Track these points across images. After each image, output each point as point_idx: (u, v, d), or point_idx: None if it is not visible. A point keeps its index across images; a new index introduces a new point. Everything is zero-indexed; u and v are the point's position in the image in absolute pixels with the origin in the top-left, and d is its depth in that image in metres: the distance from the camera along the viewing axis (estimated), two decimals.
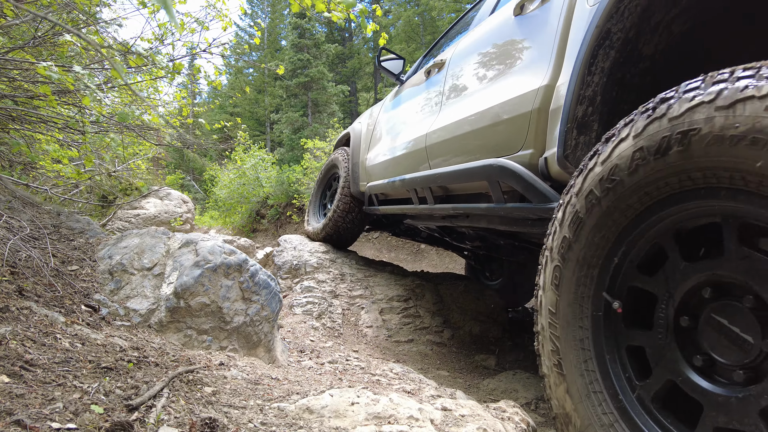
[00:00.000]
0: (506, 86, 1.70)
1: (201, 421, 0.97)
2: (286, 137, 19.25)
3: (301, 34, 19.43)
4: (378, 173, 2.93)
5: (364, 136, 3.38)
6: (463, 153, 1.94)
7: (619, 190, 0.95)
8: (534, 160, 1.53)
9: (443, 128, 2.10)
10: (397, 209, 2.75)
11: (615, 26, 1.21)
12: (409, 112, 2.67)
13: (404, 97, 2.86)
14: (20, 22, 2.05)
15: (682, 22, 1.21)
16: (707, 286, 0.86)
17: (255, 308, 1.79)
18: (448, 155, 2.07)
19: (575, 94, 1.28)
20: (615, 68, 1.26)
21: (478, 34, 2.09)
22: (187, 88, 3.87)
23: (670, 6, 1.17)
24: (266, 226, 10.30)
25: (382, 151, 2.93)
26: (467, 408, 1.30)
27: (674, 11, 1.18)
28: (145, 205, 5.95)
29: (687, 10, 1.17)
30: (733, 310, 0.83)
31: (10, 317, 1.17)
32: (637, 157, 0.91)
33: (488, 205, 1.81)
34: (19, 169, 2.74)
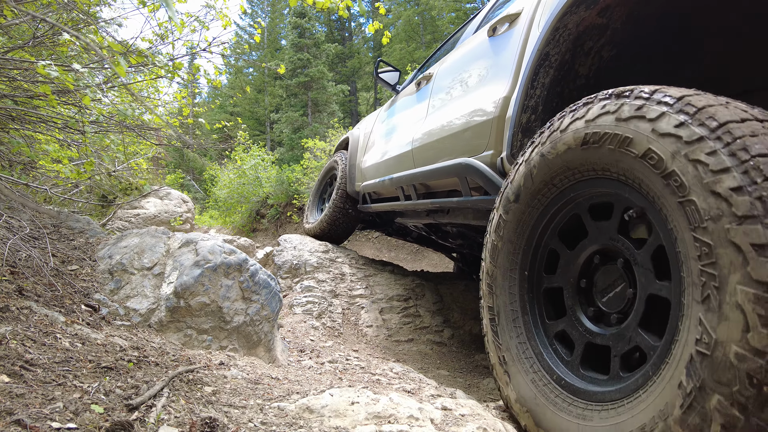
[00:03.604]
0: (477, 96, 1.97)
1: (201, 420, 0.97)
2: (286, 137, 19.25)
3: (301, 33, 19.42)
4: (371, 174, 3.21)
5: (362, 141, 3.67)
6: (441, 155, 2.20)
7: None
8: (493, 159, 1.79)
9: (427, 133, 2.37)
10: (387, 206, 3.02)
11: (553, 50, 1.48)
12: (401, 118, 2.96)
13: (398, 105, 3.16)
14: (20, 22, 2.05)
15: (610, 49, 1.49)
16: (596, 254, 1.20)
17: (255, 308, 1.79)
18: (429, 157, 2.32)
19: (521, 104, 1.56)
20: (554, 84, 1.54)
21: (460, 51, 2.37)
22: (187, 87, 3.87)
23: (599, 36, 1.45)
24: (266, 226, 10.30)
25: (376, 153, 3.21)
26: (467, 407, 1.30)
27: (602, 40, 1.46)
28: (145, 204, 5.95)
29: (611, 40, 1.46)
30: (612, 271, 1.15)
31: (10, 317, 1.17)
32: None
33: (459, 199, 2.08)
34: (19, 169, 2.74)
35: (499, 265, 1.40)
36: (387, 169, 2.90)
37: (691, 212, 0.83)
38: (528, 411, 1.19)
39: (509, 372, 1.30)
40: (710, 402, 0.77)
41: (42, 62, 1.34)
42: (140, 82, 2.97)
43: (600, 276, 1.19)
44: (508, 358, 1.32)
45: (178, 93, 3.60)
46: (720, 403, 0.75)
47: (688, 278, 0.85)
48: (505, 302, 1.38)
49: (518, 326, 1.34)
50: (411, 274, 3.54)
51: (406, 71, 13.76)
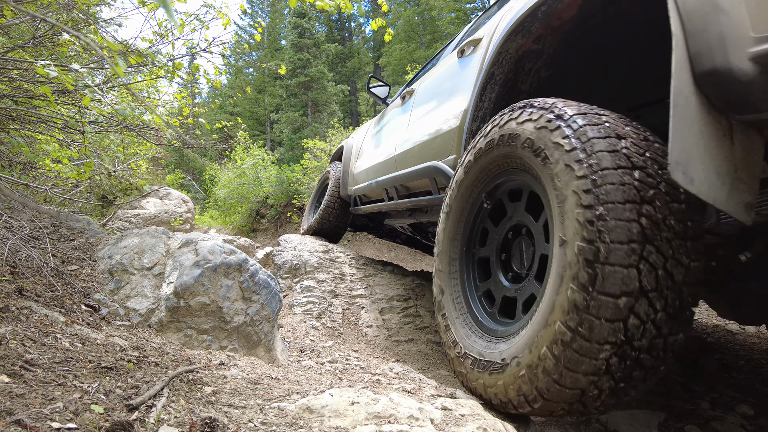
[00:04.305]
0: (446, 109, 2.27)
1: (201, 420, 0.97)
2: (286, 137, 19.25)
3: (301, 33, 19.42)
4: (362, 178, 3.56)
5: (355, 148, 4.08)
6: (418, 160, 2.50)
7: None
8: (455, 162, 2.08)
9: (407, 140, 2.70)
10: (374, 207, 3.36)
11: (497, 70, 1.80)
12: (388, 128, 3.31)
13: (386, 116, 3.51)
14: (20, 22, 2.05)
15: (546, 69, 1.80)
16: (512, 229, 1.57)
17: (255, 308, 1.79)
18: (408, 162, 2.64)
19: (472, 115, 1.90)
20: (499, 98, 1.86)
21: (437, 70, 2.70)
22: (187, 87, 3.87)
23: (536, 59, 1.77)
24: (266, 226, 10.30)
25: (366, 160, 3.58)
26: (467, 407, 1.30)
27: (540, 62, 1.78)
28: (145, 204, 5.95)
29: (546, 63, 1.77)
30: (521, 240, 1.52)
31: (10, 317, 1.17)
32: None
33: (430, 197, 2.41)
34: (19, 169, 2.74)
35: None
36: (374, 174, 3.24)
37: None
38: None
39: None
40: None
41: (41, 62, 1.34)
42: (140, 82, 2.97)
43: (514, 244, 1.58)
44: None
45: (178, 93, 3.60)
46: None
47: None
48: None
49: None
50: (411, 274, 3.54)
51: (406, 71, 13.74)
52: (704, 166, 0.97)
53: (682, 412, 1.77)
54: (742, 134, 1.02)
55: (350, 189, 3.86)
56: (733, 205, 1.00)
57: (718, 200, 0.99)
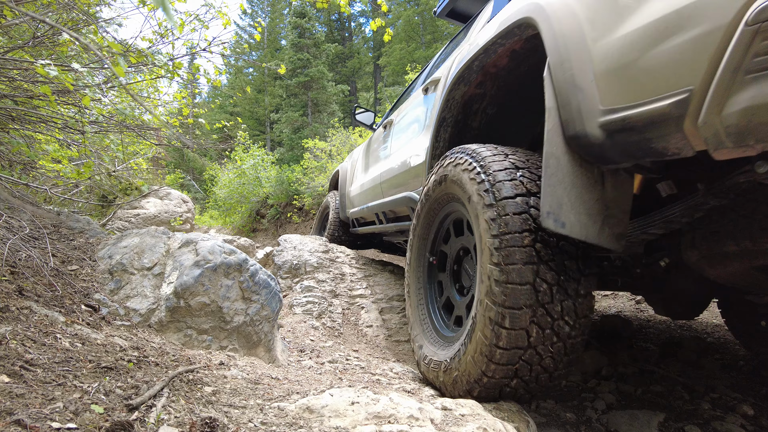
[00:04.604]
0: (415, 144, 2.53)
1: (201, 420, 0.97)
2: (286, 137, 19.25)
3: (301, 33, 19.41)
4: (357, 202, 3.81)
5: (349, 172, 4.29)
6: (398, 189, 2.79)
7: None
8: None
9: (389, 170, 2.96)
10: (369, 229, 3.65)
11: (447, 114, 2.05)
12: (374, 156, 3.56)
13: (372, 143, 3.74)
14: (20, 22, 2.05)
15: (492, 109, 2.05)
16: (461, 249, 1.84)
17: (255, 308, 1.79)
18: (390, 189, 2.93)
19: (430, 153, 2.18)
20: (452, 137, 2.11)
21: (408, 104, 2.96)
22: (187, 87, 3.87)
23: (481, 101, 2.02)
24: (266, 226, 10.30)
25: (358, 185, 3.82)
26: (467, 407, 1.30)
27: (484, 103, 2.02)
28: (145, 204, 5.95)
29: (490, 103, 2.02)
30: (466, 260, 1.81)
31: (10, 317, 1.17)
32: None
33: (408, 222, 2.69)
34: (19, 169, 2.73)
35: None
36: (366, 198, 3.50)
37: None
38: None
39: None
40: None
41: (41, 62, 1.34)
42: (140, 82, 2.97)
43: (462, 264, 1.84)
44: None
45: (178, 93, 3.60)
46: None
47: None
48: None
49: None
50: None
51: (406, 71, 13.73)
52: (575, 211, 1.20)
53: (682, 412, 1.77)
54: (613, 178, 1.24)
55: (348, 212, 4.09)
56: (605, 238, 1.21)
57: (589, 236, 1.20)
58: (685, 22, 0.92)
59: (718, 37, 0.85)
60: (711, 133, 0.87)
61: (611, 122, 1.09)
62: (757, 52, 0.79)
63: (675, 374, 2.14)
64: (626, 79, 1.07)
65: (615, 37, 1.11)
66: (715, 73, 0.85)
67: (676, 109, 0.92)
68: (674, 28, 0.94)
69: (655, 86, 0.98)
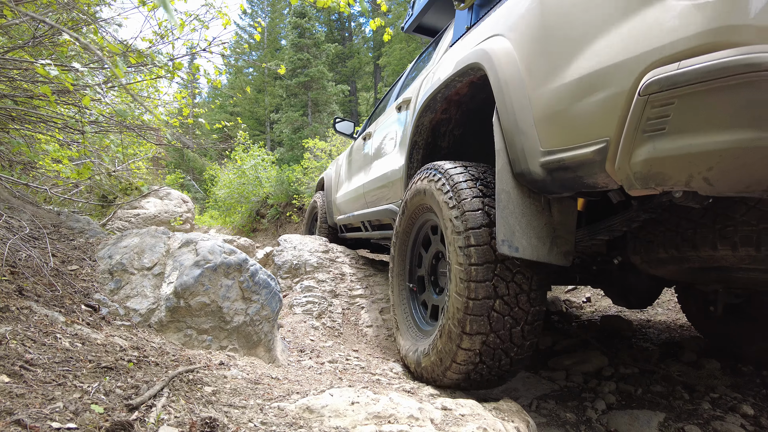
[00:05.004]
0: (393, 159, 2.71)
1: (201, 420, 0.97)
2: (286, 137, 19.23)
3: (301, 33, 19.40)
4: (343, 209, 3.93)
5: (334, 180, 4.42)
6: (380, 200, 2.96)
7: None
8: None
9: (371, 182, 3.10)
10: (356, 235, 3.80)
11: (418, 138, 2.26)
12: (357, 165, 3.68)
13: (354, 153, 3.85)
14: (19, 22, 2.05)
15: (458, 130, 2.24)
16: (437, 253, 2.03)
17: (255, 308, 1.79)
18: (373, 200, 3.09)
19: (405, 172, 2.37)
20: (424, 157, 2.30)
21: (384, 119, 3.12)
22: (187, 87, 3.86)
23: (447, 124, 2.21)
24: (266, 226, 10.29)
25: (343, 192, 3.94)
26: (467, 407, 1.30)
27: (451, 126, 2.21)
28: (145, 204, 5.95)
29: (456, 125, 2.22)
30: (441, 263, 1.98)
31: (10, 317, 1.17)
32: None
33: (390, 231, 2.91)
34: (19, 169, 2.73)
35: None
36: (352, 207, 3.62)
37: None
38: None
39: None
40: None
41: (42, 62, 1.34)
42: (140, 82, 2.97)
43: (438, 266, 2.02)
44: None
45: (178, 93, 3.60)
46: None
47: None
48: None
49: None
50: None
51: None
52: (527, 236, 1.40)
53: (682, 412, 1.77)
54: (558, 205, 1.44)
55: (336, 218, 4.22)
56: (554, 256, 1.41)
57: (540, 257, 1.39)
58: (600, 82, 1.08)
59: (623, 100, 1.01)
60: (624, 176, 1.03)
61: (550, 162, 1.27)
62: (649, 117, 0.95)
63: (675, 374, 2.14)
64: (559, 125, 1.24)
65: (550, 88, 1.27)
66: (623, 129, 1.01)
67: (598, 155, 1.09)
68: (593, 87, 1.10)
69: (581, 134, 1.15)
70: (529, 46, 1.40)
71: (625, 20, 1.05)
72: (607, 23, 1.10)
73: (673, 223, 1.36)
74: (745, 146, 0.84)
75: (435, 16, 2.97)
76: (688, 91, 0.89)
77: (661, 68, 0.93)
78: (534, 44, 1.38)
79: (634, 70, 0.99)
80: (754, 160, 0.85)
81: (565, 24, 1.26)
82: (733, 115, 0.86)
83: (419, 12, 2.97)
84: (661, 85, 0.92)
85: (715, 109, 0.87)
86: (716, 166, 0.88)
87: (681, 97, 0.90)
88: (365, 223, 3.41)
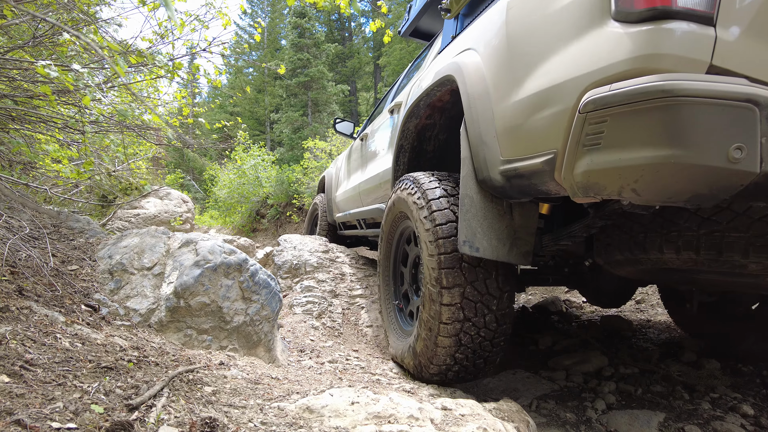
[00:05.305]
0: (383, 161, 2.84)
1: (201, 420, 0.97)
2: (286, 137, 19.23)
3: (301, 33, 19.39)
4: (342, 207, 4.08)
5: (334, 179, 4.56)
6: (373, 199, 3.09)
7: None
8: None
9: (366, 181, 3.23)
10: (352, 232, 3.94)
11: (405, 143, 2.36)
12: (355, 164, 3.81)
13: (353, 153, 3.98)
14: (20, 22, 2.05)
15: (443, 135, 2.34)
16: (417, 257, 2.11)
17: (255, 308, 1.79)
18: (367, 200, 3.23)
19: (393, 174, 2.48)
20: (411, 160, 2.41)
21: (379, 121, 3.24)
22: (187, 87, 3.87)
23: (432, 129, 2.31)
24: (266, 226, 10.29)
25: (342, 191, 4.06)
26: (467, 407, 1.30)
27: (436, 131, 2.32)
28: (145, 204, 5.95)
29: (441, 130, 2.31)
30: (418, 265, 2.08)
31: (10, 317, 1.17)
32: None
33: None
34: (19, 169, 2.73)
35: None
36: (349, 205, 3.75)
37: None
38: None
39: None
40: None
41: (42, 62, 1.34)
42: (140, 82, 2.97)
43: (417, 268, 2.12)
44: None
45: (178, 93, 3.60)
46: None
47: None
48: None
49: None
50: None
51: None
52: (487, 237, 1.52)
53: (682, 412, 1.77)
54: (520, 208, 1.56)
55: (335, 215, 4.36)
56: (513, 257, 1.53)
57: (500, 256, 1.52)
58: (550, 99, 1.20)
59: (567, 116, 1.12)
60: (569, 185, 1.14)
61: (508, 170, 1.39)
62: (587, 133, 1.05)
63: (675, 374, 2.14)
64: (517, 137, 1.36)
65: (510, 102, 1.39)
66: (567, 142, 1.12)
67: (547, 165, 1.20)
68: (544, 103, 1.22)
69: (534, 145, 1.27)
70: (495, 62, 1.51)
71: (572, 43, 1.16)
72: (557, 44, 1.21)
73: (627, 228, 1.46)
74: (662, 162, 0.94)
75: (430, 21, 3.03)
76: (617, 111, 0.99)
77: (597, 89, 1.04)
78: (499, 61, 1.49)
79: (576, 90, 1.10)
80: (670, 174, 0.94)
81: (524, 43, 1.38)
82: (652, 134, 0.95)
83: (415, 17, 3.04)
84: (596, 104, 1.02)
85: (638, 128, 0.97)
86: (641, 178, 0.98)
87: (612, 116, 1.00)
88: (360, 221, 3.52)
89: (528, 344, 2.81)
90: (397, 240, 2.34)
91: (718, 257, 1.27)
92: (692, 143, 0.91)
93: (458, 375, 1.77)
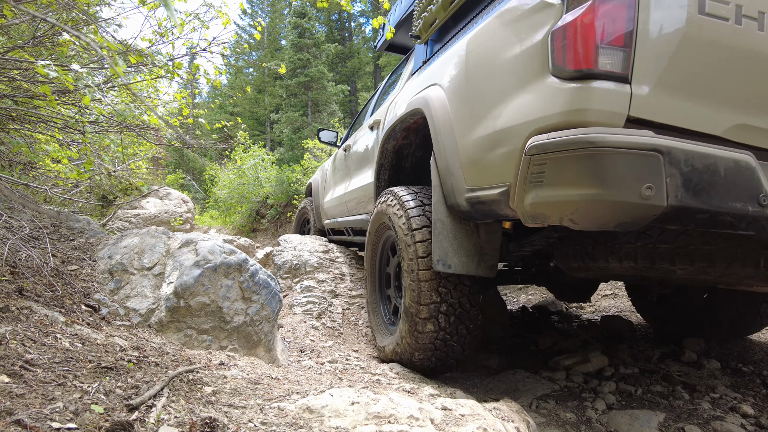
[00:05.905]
0: (366, 175, 3.01)
1: (201, 420, 0.97)
2: (286, 137, 19.22)
3: (301, 33, 19.38)
4: (330, 214, 4.23)
5: (321, 186, 4.72)
6: (358, 209, 3.24)
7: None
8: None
9: (351, 191, 3.38)
10: (341, 238, 4.10)
11: (384, 161, 2.58)
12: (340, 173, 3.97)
13: (337, 162, 4.13)
14: (20, 22, 2.05)
15: (419, 152, 2.54)
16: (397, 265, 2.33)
17: (255, 308, 1.79)
18: (353, 209, 3.37)
19: (375, 188, 2.69)
20: (391, 176, 2.62)
21: (360, 134, 3.41)
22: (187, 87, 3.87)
23: (409, 148, 2.52)
24: (266, 226, 10.29)
25: (329, 199, 4.23)
26: (467, 407, 1.30)
27: (412, 149, 2.53)
28: (145, 204, 5.95)
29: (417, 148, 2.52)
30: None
31: (10, 317, 1.17)
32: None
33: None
34: (19, 169, 2.73)
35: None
36: (336, 213, 3.91)
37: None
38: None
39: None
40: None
41: (42, 62, 1.34)
42: (140, 82, 2.97)
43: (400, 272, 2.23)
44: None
45: (178, 93, 3.60)
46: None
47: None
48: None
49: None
50: None
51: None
52: (458, 255, 1.74)
53: (682, 412, 1.77)
54: (485, 227, 1.78)
55: (323, 222, 4.53)
56: (481, 270, 1.75)
57: (469, 271, 1.73)
58: (503, 139, 1.40)
59: (517, 156, 1.31)
60: (521, 213, 1.32)
61: (472, 198, 1.60)
62: (532, 172, 1.23)
63: (675, 374, 2.14)
64: (477, 170, 1.56)
65: (471, 139, 1.59)
66: (517, 178, 1.31)
67: (503, 196, 1.40)
68: (499, 142, 1.42)
69: (492, 178, 1.47)
70: (457, 99, 1.72)
71: (520, 90, 1.34)
72: (508, 90, 1.40)
73: (580, 240, 1.66)
74: (591, 199, 1.12)
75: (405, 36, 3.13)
76: (554, 156, 1.17)
77: (539, 136, 1.22)
78: (460, 99, 1.69)
79: (522, 134, 1.29)
80: (598, 208, 1.12)
81: (482, 85, 1.57)
82: (582, 176, 1.13)
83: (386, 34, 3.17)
84: (537, 149, 1.21)
85: (571, 170, 1.14)
86: (576, 211, 1.15)
87: (551, 159, 1.18)
88: (348, 229, 3.72)
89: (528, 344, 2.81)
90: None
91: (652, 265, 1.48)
92: (613, 184, 1.09)
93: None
